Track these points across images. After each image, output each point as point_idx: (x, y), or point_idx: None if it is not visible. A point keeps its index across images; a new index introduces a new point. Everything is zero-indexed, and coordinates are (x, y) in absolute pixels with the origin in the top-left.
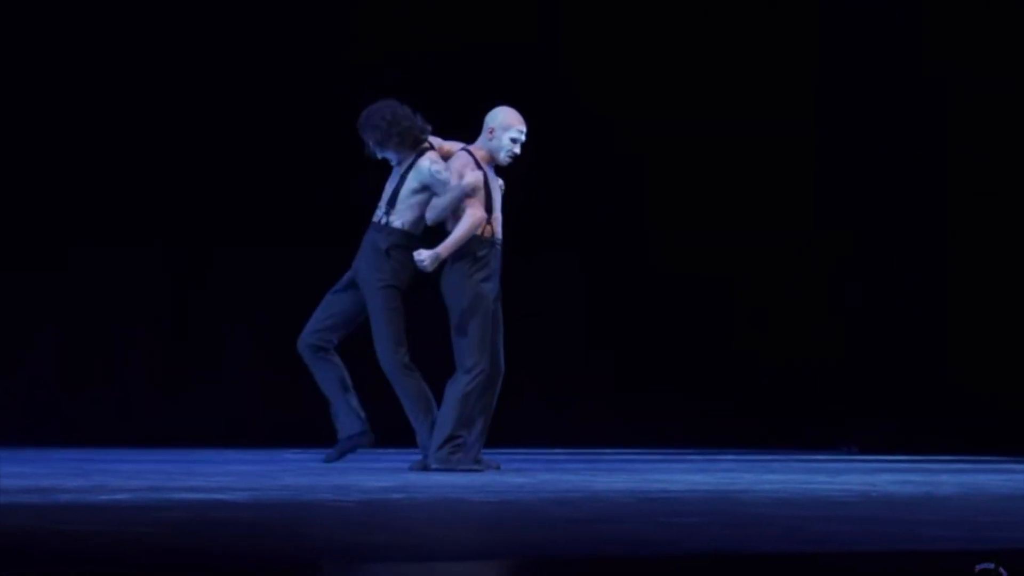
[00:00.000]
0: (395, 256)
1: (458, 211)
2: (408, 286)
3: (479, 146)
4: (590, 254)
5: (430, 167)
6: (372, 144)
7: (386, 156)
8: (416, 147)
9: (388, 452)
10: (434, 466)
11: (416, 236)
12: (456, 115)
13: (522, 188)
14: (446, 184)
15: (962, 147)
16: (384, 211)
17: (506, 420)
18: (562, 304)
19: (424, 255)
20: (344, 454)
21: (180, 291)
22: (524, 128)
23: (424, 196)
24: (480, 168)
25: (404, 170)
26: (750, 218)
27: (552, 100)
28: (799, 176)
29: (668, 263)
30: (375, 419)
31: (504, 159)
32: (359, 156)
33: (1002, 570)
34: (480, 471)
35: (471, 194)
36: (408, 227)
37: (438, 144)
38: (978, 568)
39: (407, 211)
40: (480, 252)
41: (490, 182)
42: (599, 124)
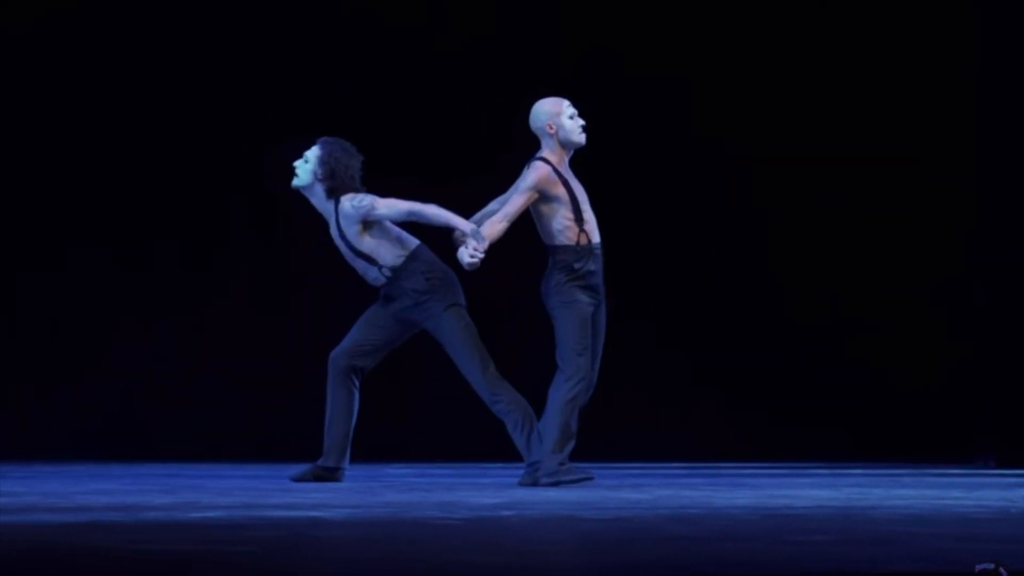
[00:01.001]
0: (425, 285)
1: (542, 217)
2: (464, 298)
3: (549, 151)
4: (697, 258)
5: (350, 204)
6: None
7: (311, 196)
8: (334, 193)
9: (494, 467)
10: (543, 480)
11: (411, 254)
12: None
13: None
14: (372, 209)
15: None
16: (377, 272)
17: (621, 433)
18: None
19: (472, 249)
20: (313, 480)
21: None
22: (568, 101)
23: (372, 229)
24: (561, 177)
25: (335, 224)
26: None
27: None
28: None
29: (783, 271)
30: (473, 430)
31: (580, 139)
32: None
33: (1002, 570)
34: (591, 480)
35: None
36: (397, 260)
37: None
38: (978, 568)
39: (379, 249)
40: (577, 264)
41: (575, 188)
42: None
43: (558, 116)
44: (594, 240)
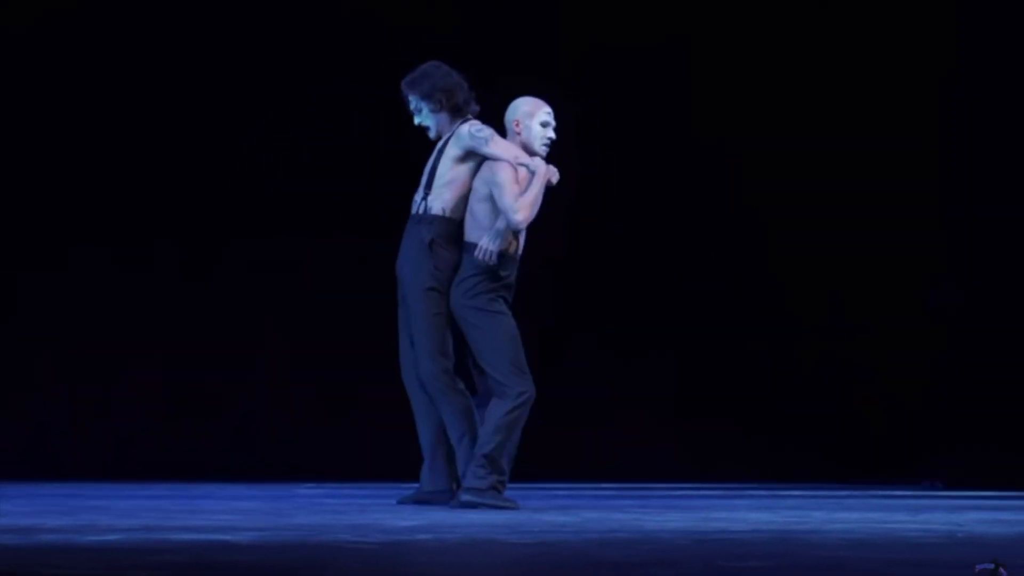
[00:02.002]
0: (437, 252)
1: (487, 215)
2: (448, 288)
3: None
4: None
5: (469, 129)
6: (416, 100)
7: (424, 124)
8: (457, 116)
9: (411, 486)
10: (463, 498)
11: (458, 222)
12: None
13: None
14: (487, 140)
15: None
16: (422, 195)
17: (547, 452)
18: (616, 324)
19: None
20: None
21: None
22: (551, 110)
23: (465, 171)
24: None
25: (443, 144)
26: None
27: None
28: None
29: (732, 285)
30: (396, 444)
31: (541, 149)
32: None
33: (1002, 570)
34: (516, 508)
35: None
36: (448, 211)
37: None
38: (978, 568)
39: (445, 190)
40: (504, 272)
41: None
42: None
43: (530, 118)
44: (520, 251)
